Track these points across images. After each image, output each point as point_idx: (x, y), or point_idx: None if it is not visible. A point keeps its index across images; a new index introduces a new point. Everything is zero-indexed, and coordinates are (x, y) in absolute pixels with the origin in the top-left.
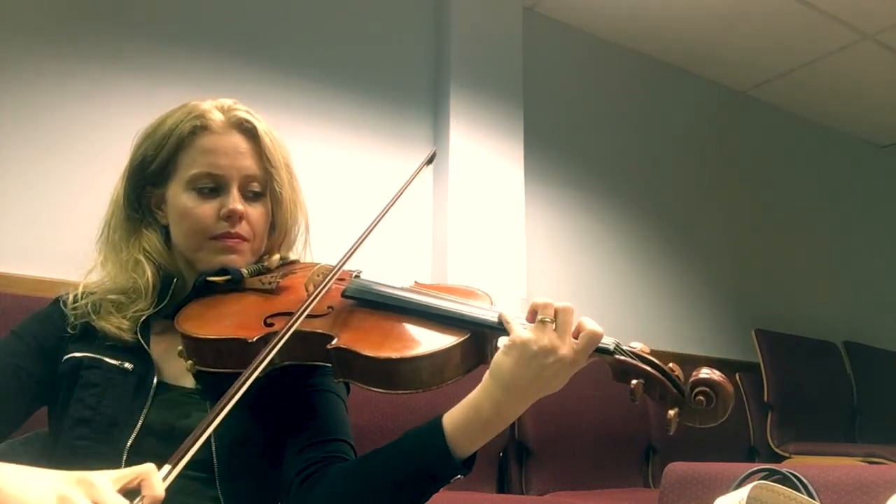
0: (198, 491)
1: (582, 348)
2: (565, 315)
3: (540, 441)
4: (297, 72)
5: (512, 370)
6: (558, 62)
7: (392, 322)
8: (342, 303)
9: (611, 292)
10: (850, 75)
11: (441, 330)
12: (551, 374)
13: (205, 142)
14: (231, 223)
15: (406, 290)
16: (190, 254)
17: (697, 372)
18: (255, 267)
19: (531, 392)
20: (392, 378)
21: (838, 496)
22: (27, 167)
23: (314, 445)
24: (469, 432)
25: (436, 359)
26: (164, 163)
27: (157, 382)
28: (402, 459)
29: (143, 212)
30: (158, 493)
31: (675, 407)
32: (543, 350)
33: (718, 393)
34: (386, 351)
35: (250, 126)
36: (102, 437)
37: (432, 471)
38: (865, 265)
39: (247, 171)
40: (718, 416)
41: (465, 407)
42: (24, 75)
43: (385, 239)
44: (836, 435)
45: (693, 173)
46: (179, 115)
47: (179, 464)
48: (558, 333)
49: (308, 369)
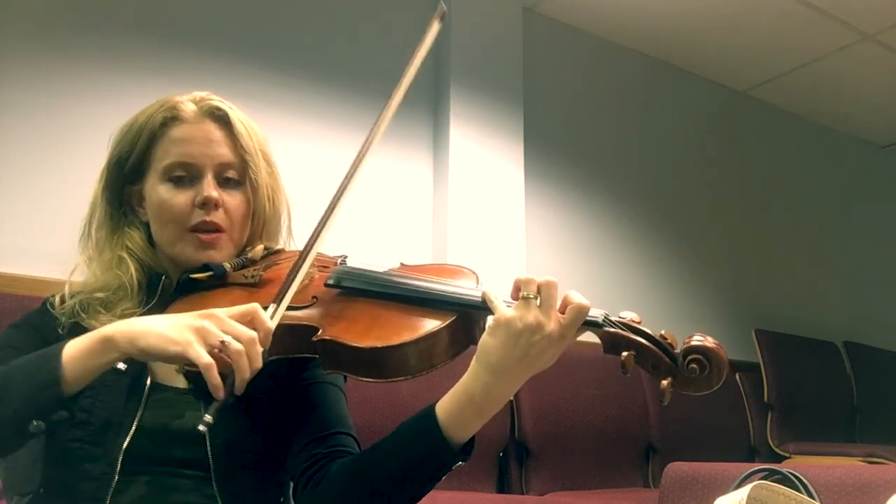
0: (195, 489)
1: (569, 323)
2: (549, 290)
3: (540, 441)
4: (296, 71)
5: (498, 351)
6: (558, 62)
7: (377, 309)
8: (326, 292)
9: (611, 292)
10: (850, 75)
11: (427, 314)
12: (539, 351)
13: (177, 132)
14: (206, 210)
15: (390, 273)
16: (169, 248)
17: (689, 339)
18: (238, 260)
19: (521, 371)
20: (380, 366)
21: (838, 496)
22: (26, 167)
23: (317, 441)
24: (463, 418)
25: (422, 344)
26: (140, 158)
27: (150, 383)
28: (400, 452)
29: (124, 210)
30: (270, 326)
31: (668, 377)
32: (529, 328)
33: (712, 360)
34: (371, 340)
35: (222, 114)
36: (96, 439)
37: (431, 459)
38: (866, 265)
39: (221, 159)
40: (713, 383)
41: (456, 393)
42: (23, 75)
43: (385, 239)
44: (836, 435)
45: (693, 173)
46: (152, 109)
47: (283, 302)
48: (543, 309)
49: (302, 362)
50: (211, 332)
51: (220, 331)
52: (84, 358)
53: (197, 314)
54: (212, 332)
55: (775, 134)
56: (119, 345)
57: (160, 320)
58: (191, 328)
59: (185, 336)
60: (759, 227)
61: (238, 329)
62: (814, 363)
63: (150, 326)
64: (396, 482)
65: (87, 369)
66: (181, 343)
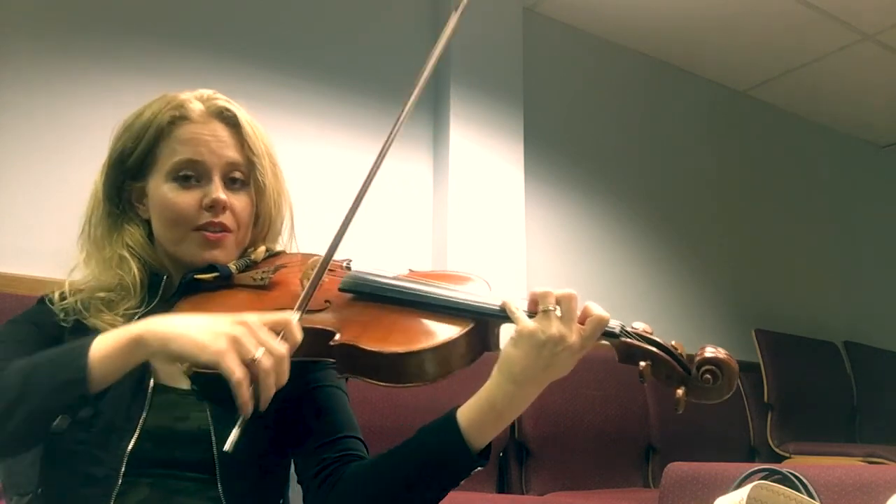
0: (199, 491)
1: (589, 334)
2: (570, 302)
3: (540, 441)
4: (296, 72)
5: (521, 361)
6: (558, 62)
7: (393, 314)
8: (339, 296)
9: (611, 292)
10: (850, 75)
11: (444, 321)
12: (561, 361)
13: (185, 131)
14: (214, 213)
15: (403, 279)
16: (172, 247)
17: (702, 351)
18: (242, 262)
19: (542, 380)
20: (398, 372)
21: (838, 496)
22: (26, 167)
23: (326, 445)
24: (484, 425)
25: (441, 351)
26: (144, 155)
27: (153, 384)
28: (420, 458)
29: (123, 207)
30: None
31: (681, 386)
32: (552, 339)
33: (724, 370)
34: (391, 345)
35: (231, 115)
36: (101, 441)
37: (452, 466)
38: (865, 265)
39: (228, 160)
40: (724, 392)
41: (478, 401)
42: (22, 75)
43: (385, 239)
44: (836, 435)
45: (693, 173)
46: (157, 105)
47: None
48: (564, 321)
49: (305, 365)
50: (245, 344)
51: (254, 342)
52: (112, 357)
53: (231, 320)
54: (245, 344)
55: (775, 134)
56: (149, 346)
57: (192, 323)
58: (226, 336)
59: (220, 344)
60: (759, 227)
61: (271, 343)
62: (814, 363)
63: (183, 330)
64: (416, 486)
65: (115, 368)
66: (215, 352)
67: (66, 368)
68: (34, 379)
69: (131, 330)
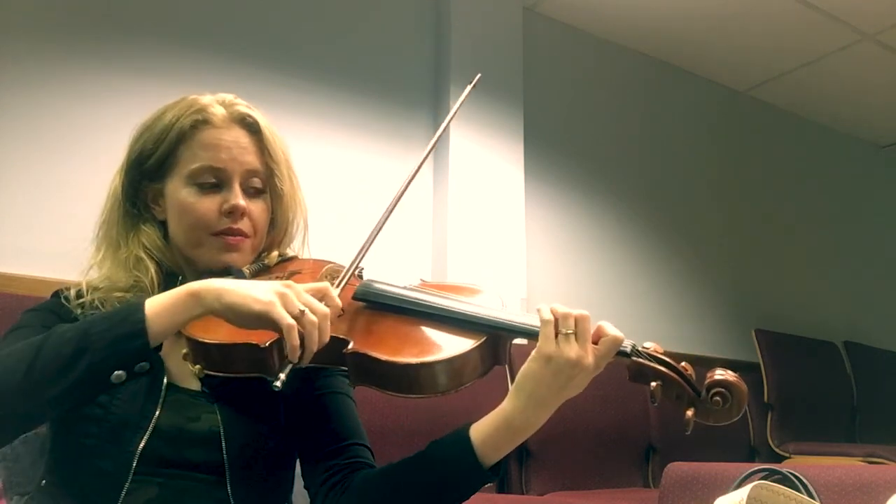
0: (207, 493)
1: (603, 354)
2: (584, 324)
3: (540, 441)
4: (296, 72)
5: (539, 382)
6: (558, 62)
7: (407, 325)
8: (353, 305)
9: (611, 292)
10: (850, 75)
11: (458, 333)
12: (577, 382)
13: (206, 136)
14: (233, 219)
15: (416, 290)
16: (189, 250)
17: (712, 373)
18: (255, 266)
19: (558, 400)
20: (411, 382)
21: (838, 496)
22: (27, 167)
23: (334, 452)
24: (498, 443)
25: (455, 363)
26: (164, 157)
27: (167, 383)
28: (432, 471)
29: (139, 207)
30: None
31: (691, 407)
32: (570, 363)
33: (734, 393)
34: (404, 356)
35: (252, 121)
36: (112, 437)
37: (464, 482)
38: (865, 265)
39: (249, 166)
40: (733, 414)
41: (494, 419)
42: (22, 75)
43: (385, 239)
44: (836, 435)
45: (693, 173)
46: (179, 109)
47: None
48: (580, 343)
49: (315, 371)
50: (291, 300)
51: (299, 301)
52: (170, 312)
53: (278, 283)
54: (292, 300)
55: (775, 134)
56: (205, 300)
57: (243, 282)
58: (274, 292)
59: (270, 297)
60: (759, 227)
61: (315, 303)
62: (814, 363)
63: (236, 286)
64: (425, 499)
65: (172, 322)
66: (265, 303)
67: (124, 322)
68: (92, 334)
69: (187, 287)
